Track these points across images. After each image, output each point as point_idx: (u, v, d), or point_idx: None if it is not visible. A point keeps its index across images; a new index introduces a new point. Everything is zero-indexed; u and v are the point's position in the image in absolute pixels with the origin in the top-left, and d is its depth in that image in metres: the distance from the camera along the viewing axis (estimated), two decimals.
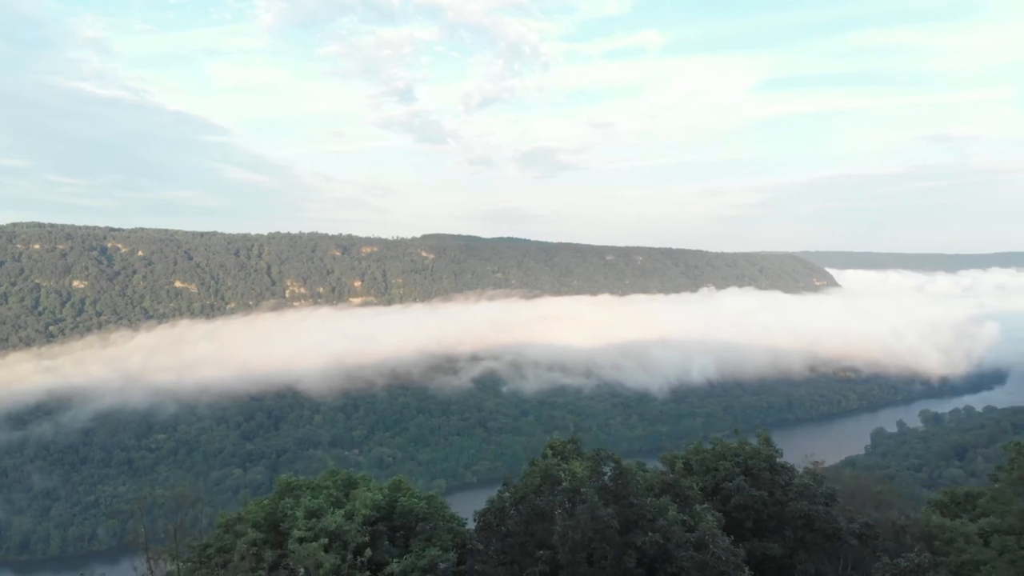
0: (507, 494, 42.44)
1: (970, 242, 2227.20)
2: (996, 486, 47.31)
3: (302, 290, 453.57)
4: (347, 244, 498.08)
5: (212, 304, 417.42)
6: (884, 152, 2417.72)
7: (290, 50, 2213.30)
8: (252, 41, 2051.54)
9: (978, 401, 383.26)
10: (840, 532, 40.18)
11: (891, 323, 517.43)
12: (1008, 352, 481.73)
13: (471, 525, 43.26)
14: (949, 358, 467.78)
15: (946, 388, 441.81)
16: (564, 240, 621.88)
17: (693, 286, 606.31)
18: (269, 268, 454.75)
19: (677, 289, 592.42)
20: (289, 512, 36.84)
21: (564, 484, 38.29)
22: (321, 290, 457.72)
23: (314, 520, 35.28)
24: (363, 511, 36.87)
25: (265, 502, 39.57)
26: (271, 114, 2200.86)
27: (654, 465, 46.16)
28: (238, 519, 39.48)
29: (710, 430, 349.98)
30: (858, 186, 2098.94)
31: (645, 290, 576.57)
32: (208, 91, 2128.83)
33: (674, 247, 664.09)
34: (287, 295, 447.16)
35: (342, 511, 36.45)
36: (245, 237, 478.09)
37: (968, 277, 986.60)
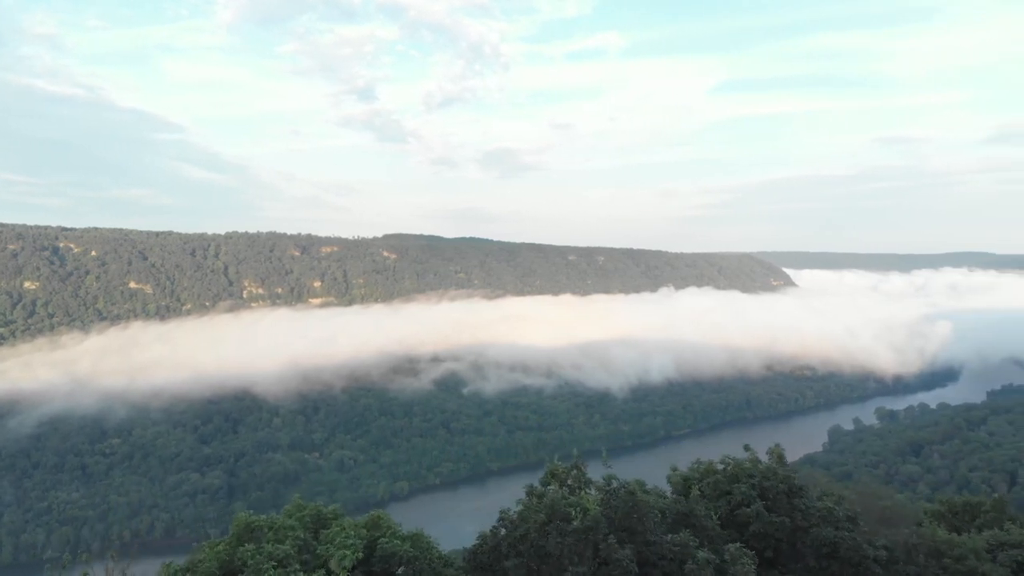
0: (503, 530, 37.37)
1: (923, 242, 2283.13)
2: (995, 496, 46.39)
3: (260, 291, 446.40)
4: (306, 244, 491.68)
5: (168, 305, 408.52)
6: (839, 154, 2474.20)
7: (249, 47, 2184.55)
8: (210, 38, 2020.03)
9: (932, 398, 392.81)
10: (866, 559, 36.84)
11: (846, 322, 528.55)
12: (960, 350, 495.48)
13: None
14: (903, 356, 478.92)
15: (900, 386, 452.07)
16: (527, 240, 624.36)
17: (653, 286, 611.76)
18: (226, 268, 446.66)
19: (638, 289, 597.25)
20: (250, 561, 30.83)
21: (575, 523, 33.51)
22: (280, 291, 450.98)
23: (280, 571, 29.92)
24: (341, 573, 31.02)
25: (220, 547, 33.50)
26: (229, 112, 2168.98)
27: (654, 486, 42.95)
28: (188, 570, 32.86)
29: (671, 428, 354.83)
30: (814, 187, 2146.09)
31: (607, 290, 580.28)
32: (164, 88, 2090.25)
33: (635, 247, 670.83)
34: (244, 296, 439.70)
35: None
36: (202, 237, 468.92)
37: (921, 277, 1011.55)
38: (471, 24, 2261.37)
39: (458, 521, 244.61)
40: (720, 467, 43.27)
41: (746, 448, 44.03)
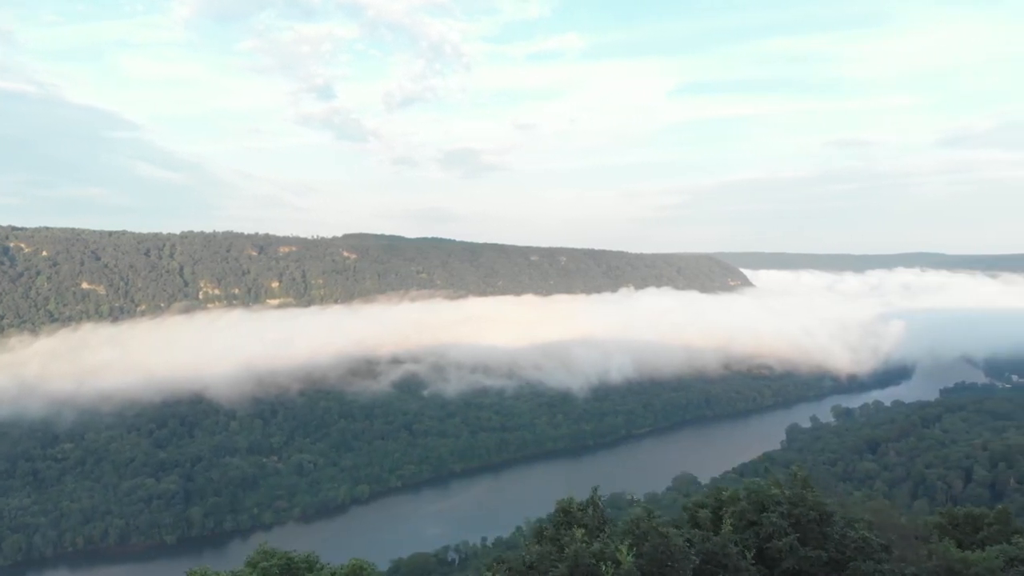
0: None
1: (877, 243, 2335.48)
2: (999, 507, 44.59)
3: (216, 291, 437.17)
4: (264, 243, 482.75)
5: (121, 306, 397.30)
6: (795, 156, 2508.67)
7: (206, 44, 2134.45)
8: (167, 34, 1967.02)
9: (886, 396, 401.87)
10: None
11: (803, 322, 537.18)
12: (913, 349, 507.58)
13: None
14: (858, 355, 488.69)
15: (855, 384, 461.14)
16: (489, 240, 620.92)
17: (614, 286, 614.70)
18: (182, 269, 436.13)
19: (599, 289, 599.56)
20: None
21: None
22: (236, 291, 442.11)
23: None
24: None
25: None
26: (186, 110, 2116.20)
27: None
28: None
29: (632, 427, 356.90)
30: (770, 189, 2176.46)
31: (569, 290, 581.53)
32: (120, 85, 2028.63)
33: (597, 248, 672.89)
34: (200, 297, 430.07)
35: None
36: (156, 236, 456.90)
37: (875, 277, 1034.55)
38: (431, 23, 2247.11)
39: (420, 523, 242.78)
40: (743, 493, 38.33)
41: (766, 470, 39.82)
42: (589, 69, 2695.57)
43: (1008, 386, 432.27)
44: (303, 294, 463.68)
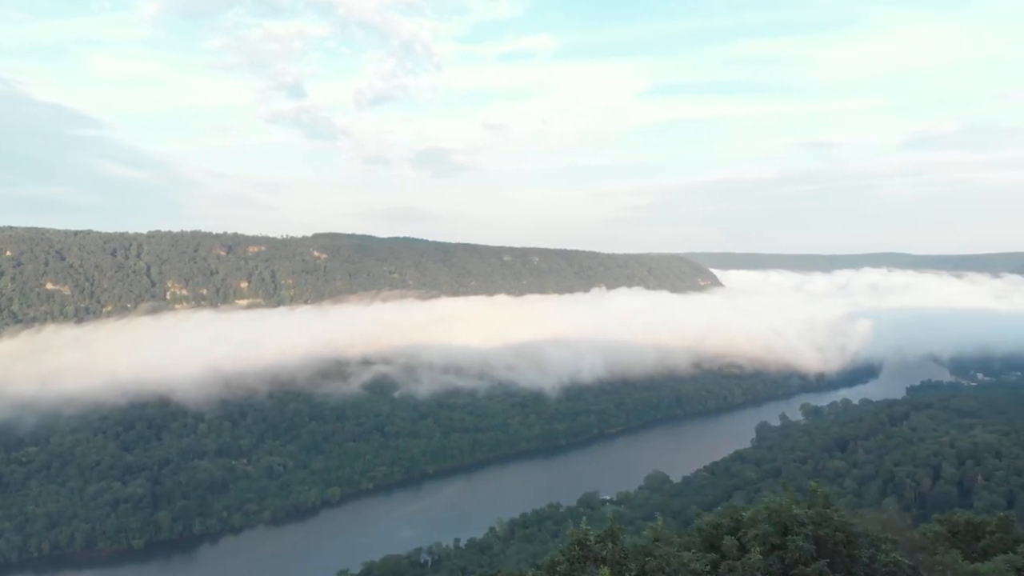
0: None
1: (844, 243, 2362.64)
2: (1000, 515, 43.44)
3: (184, 292, 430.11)
4: (233, 243, 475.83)
5: (87, 307, 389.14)
6: (763, 158, 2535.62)
7: (174, 42, 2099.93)
8: (134, 32, 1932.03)
9: (854, 394, 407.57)
10: None
11: (771, 321, 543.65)
12: (880, 347, 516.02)
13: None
14: (826, 354, 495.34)
15: (824, 383, 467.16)
16: (462, 240, 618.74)
17: (586, 286, 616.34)
18: (148, 269, 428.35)
19: (571, 289, 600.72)
20: None
21: None
22: (205, 292, 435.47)
23: None
24: None
25: None
26: (153, 108, 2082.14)
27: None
28: None
29: (604, 427, 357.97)
30: (739, 190, 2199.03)
31: (541, 290, 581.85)
32: (87, 83, 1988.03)
33: (569, 248, 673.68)
34: (168, 297, 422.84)
35: None
36: (123, 236, 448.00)
37: (843, 277, 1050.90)
38: (402, 22, 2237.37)
39: (393, 525, 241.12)
40: (763, 514, 34.98)
41: (784, 486, 36.63)
42: (560, 70, 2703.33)
43: (974, 384, 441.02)
44: (273, 294, 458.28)
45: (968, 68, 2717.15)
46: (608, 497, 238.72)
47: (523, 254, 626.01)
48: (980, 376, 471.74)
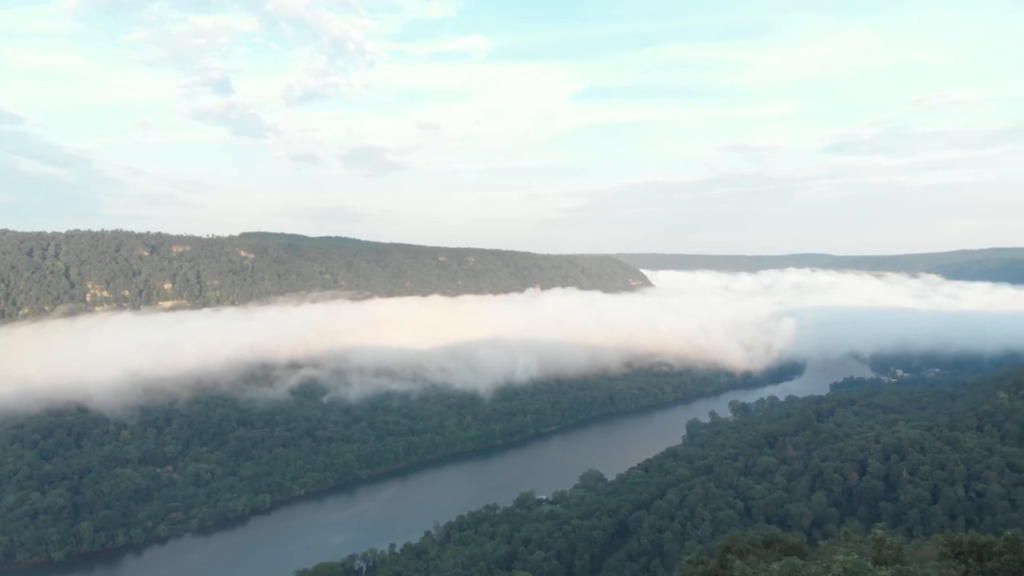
0: None
1: (769, 244, 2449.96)
2: (1007, 533, 41.06)
3: (105, 293, 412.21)
4: (156, 243, 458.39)
5: (2, 309, 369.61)
6: (692, 160, 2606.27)
7: (95, 35, 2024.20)
8: (54, 24, 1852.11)
9: (780, 391, 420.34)
10: None
11: (700, 320, 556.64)
12: (804, 345, 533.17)
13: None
14: (752, 352, 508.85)
15: (750, 380, 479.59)
16: (397, 240, 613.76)
17: (521, 287, 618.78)
18: (67, 269, 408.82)
19: (506, 289, 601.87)
20: None
21: None
22: (126, 293, 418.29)
23: None
24: None
25: None
26: (73, 103, 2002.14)
27: None
28: None
29: (540, 426, 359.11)
30: (668, 192, 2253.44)
31: (477, 291, 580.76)
32: (3, 77, 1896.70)
33: (504, 248, 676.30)
34: (88, 299, 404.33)
35: None
36: (40, 236, 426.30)
37: (768, 276, 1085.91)
38: (333, 19, 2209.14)
39: (326, 532, 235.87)
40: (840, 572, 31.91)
41: (846, 535, 34.71)
42: (494, 71, 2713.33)
43: (894, 380, 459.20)
44: (198, 296, 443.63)
45: (887, 75, 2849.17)
46: (544, 497, 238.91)
47: (459, 255, 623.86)
48: (900, 373, 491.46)
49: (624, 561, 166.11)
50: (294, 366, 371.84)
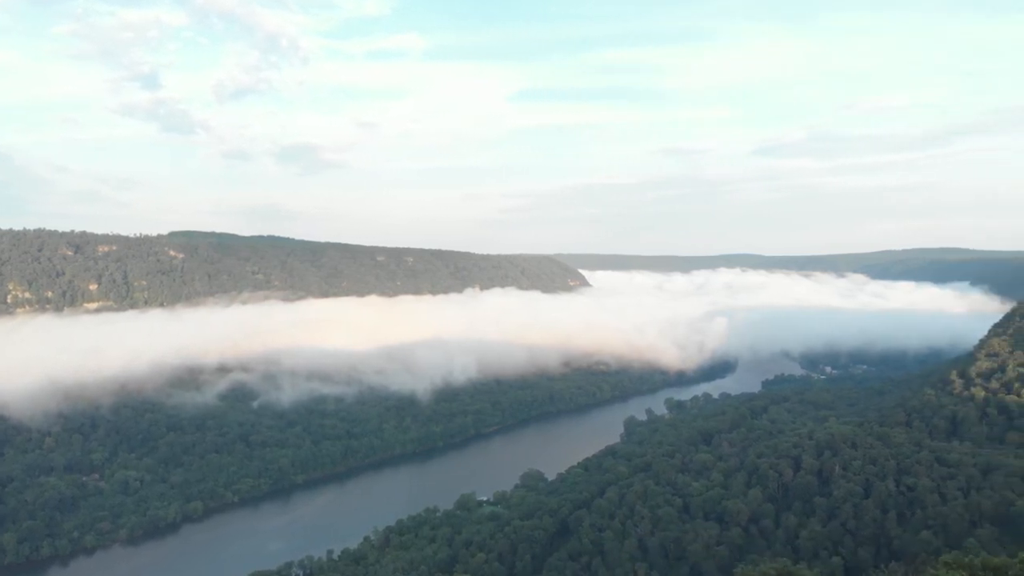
0: None
1: (702, 245, 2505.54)
2: (1022, 555, 39.73)
3: (27, 295, 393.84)
4: (81, 242, 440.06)
5: None
6: (627, 163, 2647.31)
7: (19, 27, 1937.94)
8: None
9: (713, 388, 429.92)
10: None
11: (635, 320, 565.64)
12: (735, 343, 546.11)
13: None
14: (686, 351, 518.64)
15: (684, 378, 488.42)
16: (333, 240, 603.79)
17: (460, 287, 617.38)
18: None
19: (446, 290, 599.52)
20: None
21: None
22: (50, 294, 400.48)
23: None
24: None
25: None
26: None
27: None
28: None
29: (480, 426, 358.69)
30: (606, 193, 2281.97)
31: (416, 291, 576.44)
32: None
33: (444, 248, 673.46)
34: (8, 300, 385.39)
35: None
36: None
37: (700, 276, 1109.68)
38: (266, 15, 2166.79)
39: (261, 539, 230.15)
40: None
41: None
42: (431, 70, 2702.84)
43: (823, 377, 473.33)
44: (125, 296, 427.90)
45: (815, 81, 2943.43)
46: (485, 498, 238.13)
47: (397, 254, 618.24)
48: (829, 370, 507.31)
49: (565, 561, 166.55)
50: (223, 370, 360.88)
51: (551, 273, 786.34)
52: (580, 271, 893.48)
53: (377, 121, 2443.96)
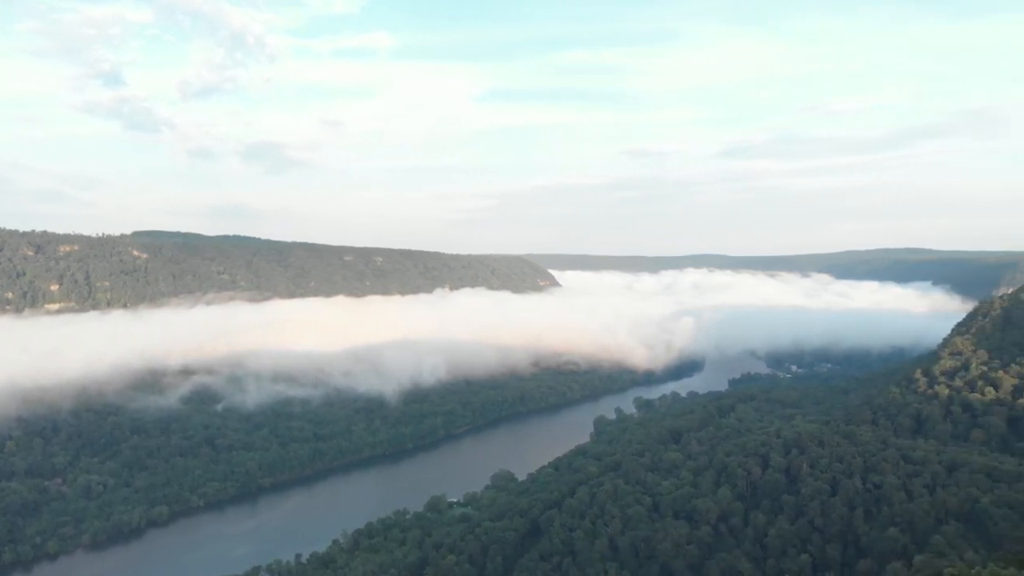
0: None
1: (669, 245, 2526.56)
2: None
3: None
4: (42, 242, 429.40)
5: None
6: (595, 164, 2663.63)
7: None
8: None
9: (681, 387, 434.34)
10: None
11: (604, 320, 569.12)
12: (702, 343, 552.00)
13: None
14: (653, 350, 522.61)
15: (653, 377, 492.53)
16: (300, 240, 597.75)
17: (430, 287, 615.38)
18: None
19: (415, 290, 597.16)
20: None
21: None
22: (10, 295, 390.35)
23: None
24: None
25: None
26: None
27: None
28: None
29: (451, 427, 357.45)
30: (574, 194, 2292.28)
31: (385, 291, 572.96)
32: None
33: (413, 248, 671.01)
34: None
35: None
36: None
37: (668, 277, 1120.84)
38: (232, 12, 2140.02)
39: (227, 544, 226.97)
40: None
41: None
42: (399, 69, 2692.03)
43: (789, 376, 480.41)
44: (87, 297, 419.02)
45: (779, 83, 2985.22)
46: (456, 499, 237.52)
47: (366, 254, 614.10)
48: (794, 368, 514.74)
49: (536, 561, 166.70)
50: (187, 372, 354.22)
51: (521, 273, 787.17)
52: (550, 271, 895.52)
53: (344, 119, 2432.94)
